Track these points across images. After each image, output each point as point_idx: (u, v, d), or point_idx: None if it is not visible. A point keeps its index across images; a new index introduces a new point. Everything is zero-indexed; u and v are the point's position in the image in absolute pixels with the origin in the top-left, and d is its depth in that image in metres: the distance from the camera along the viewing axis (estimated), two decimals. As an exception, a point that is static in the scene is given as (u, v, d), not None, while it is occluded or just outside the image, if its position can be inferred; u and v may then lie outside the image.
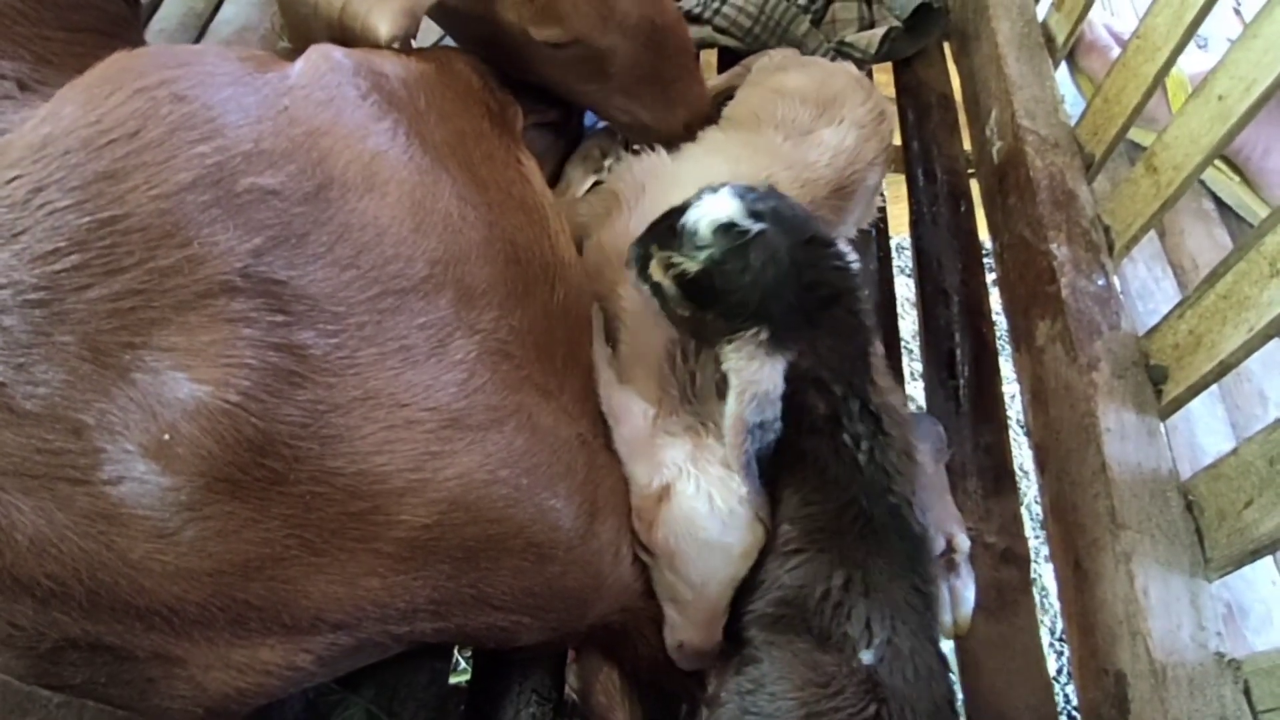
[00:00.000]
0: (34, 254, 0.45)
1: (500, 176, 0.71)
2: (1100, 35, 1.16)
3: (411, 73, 0.69)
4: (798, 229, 0.62)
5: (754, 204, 0.62)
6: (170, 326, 0.47)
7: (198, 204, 0.48)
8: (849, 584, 0.59)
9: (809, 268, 0.62)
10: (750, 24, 1.13)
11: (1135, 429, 0.78)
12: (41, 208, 0.46)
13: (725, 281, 0.60)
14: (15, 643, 0.47)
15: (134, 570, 0.47)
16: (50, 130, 0.48)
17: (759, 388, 0.60)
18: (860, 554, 0.60)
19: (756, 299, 0.60)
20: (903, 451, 0.63)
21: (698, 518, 0.62)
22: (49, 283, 0.45)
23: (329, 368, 0.50)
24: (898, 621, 0.58)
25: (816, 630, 0.59)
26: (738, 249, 0.60)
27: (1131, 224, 0.88)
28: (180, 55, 0.54)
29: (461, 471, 0.53)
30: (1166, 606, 0.68)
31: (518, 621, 0.61)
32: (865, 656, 0.57)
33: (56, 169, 0.47)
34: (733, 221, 0.60)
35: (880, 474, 0.61)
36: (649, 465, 0.66)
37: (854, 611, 0.58)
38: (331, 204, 0.53)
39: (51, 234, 0.46)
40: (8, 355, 0.45)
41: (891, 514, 0.61)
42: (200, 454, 0.46)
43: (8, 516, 0.45)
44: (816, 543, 0.62)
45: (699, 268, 0.61)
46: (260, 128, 0.52)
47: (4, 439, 0.45)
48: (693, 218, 0.62)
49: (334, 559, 0.51)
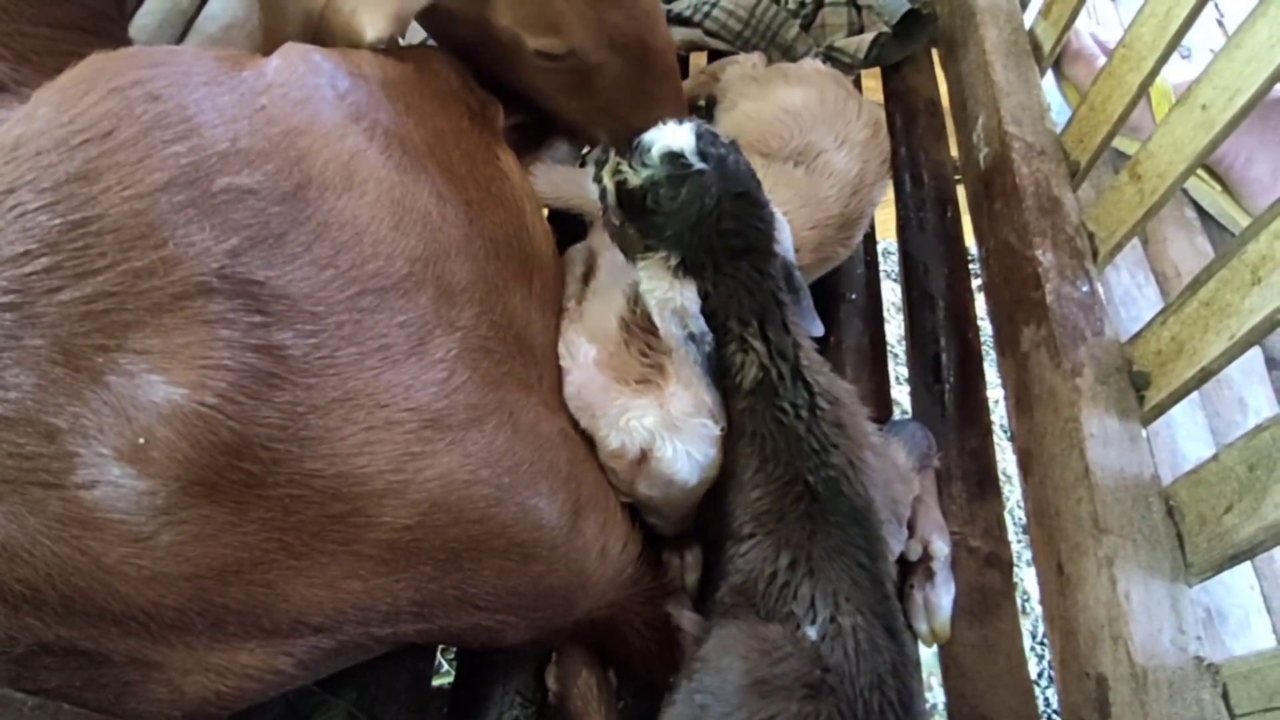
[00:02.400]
0: (4, 257, 0.45)
1: (479, 173, 0.71)
2: (1086, 44, 1.17)
3: (390, 72, 0.68)
4: (734, 181, 0.67)
5: (706, 146, 0.66)
6: (145, 329, 0.46)
7: (173, 204, 0.47)
8: (794, 565, 0.62)
9: (731, 217, 0.66)
10: (740, 27, 1.13)
11: (1118, 434, 0.78)
12: (13, 209, 0.45)
13: (654, 203, 0.66)
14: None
15: (109, 575, 0.46)
16: (23, 131, 0.47)
17: (674, 304, 0.66)
18: (803, 534, 0.62)
19: (674, 227, 0.65)
20: (834, 424, 0.65)
21: (679, 474, 0.66)
22: (19, 286, 0.45)
23: (308, 368, 0.50)
24: (840, 598, 0.60)
25: (764, 612, 0.61)
26: (674, 178, 0.65)
27: (1115, 231, 0.88)
28: (156, 55, 0.53)
29: (442, 472, 0.53)
30: (1148, 611, 0.69)
31: (503, 621, 0.61)
32: (810, 632, 0.59)
33: (28, 170, 0.46)
34: (681, 153, 0.65)
35: (817, 445, 0.64)
36: (617, 431, 0.67)
37: (799, 591, 0.60)
38: (310, 203, 0.53)
39: (22, 236, 0.45)
40: None
41: (830, 487, 0.63)
42: (176, 458, 0.46)
43: None
44: (764, 526, 0.64)
45: (638, 183, 0.66)
46: (237, 127, 0.51)
47: None
48: (650, 138, 0.67)
49: (314, 562, 0.50)
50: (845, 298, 0.99)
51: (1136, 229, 0.86)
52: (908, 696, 0.57)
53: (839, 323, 0.98)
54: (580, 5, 0.76)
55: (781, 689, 0.54)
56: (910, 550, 0.79)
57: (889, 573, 0.63)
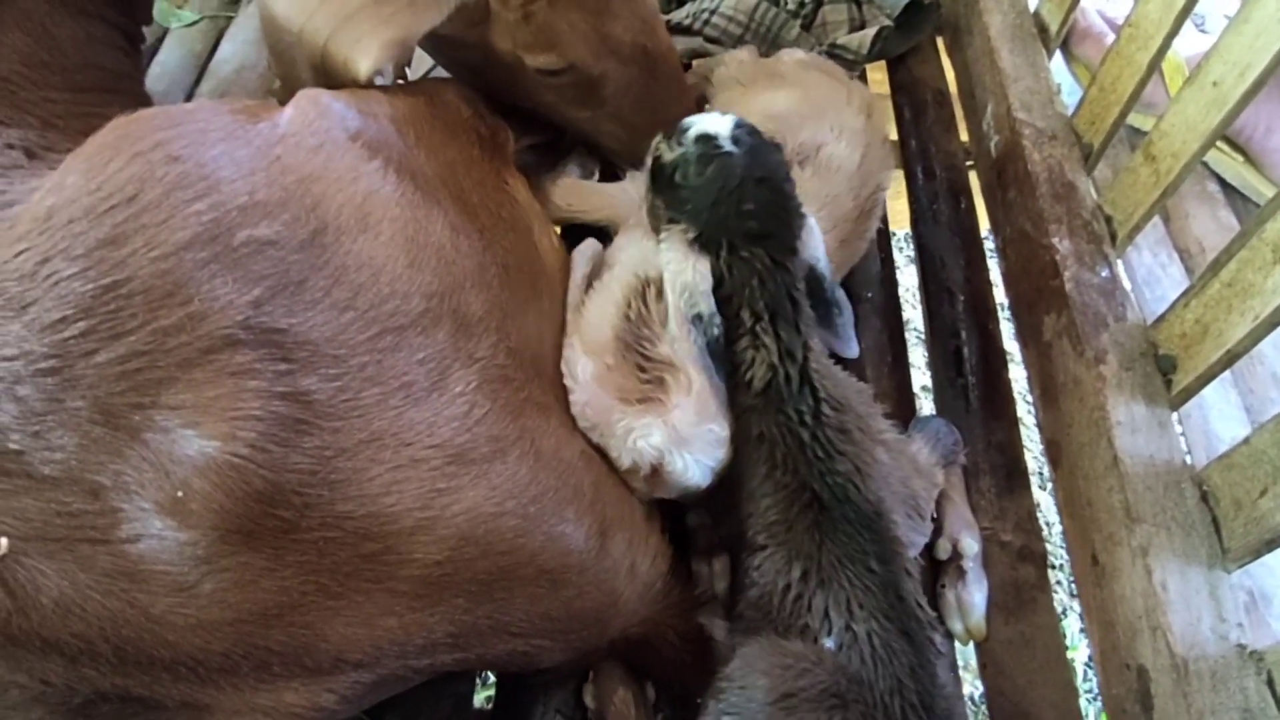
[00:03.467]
0: (43, 323, 0.47)
1: (490, 200, 0.72)
2: (1095, 22, 1.16)
3: (400, 108, 0.69)
4: (761, 167, 0.69)
5: (739, 133, 0.70)
6: (177, 384, 0.48)
7: (196, 261, 0.49)
8: (805, 576, 0.62)
9: (751, 201, 0.68)
10: (741, 32, 1.13)
11: (1146, 421, 0.77)
12: (49, 278, 0.47)
13: (681, 178, 0.70)
14: (48, 699, 0.49)
15: (157, 625, 0.48)
16: (54, 201, 0.49)
17: (685, 278, 0.68)
18: (812, 544, 0.63)
19: (695, 202, 0.69)
20: (839, 429, 0.66)
21: (692, 481, 0.68)
22: (58, 350, 0.47)
23: (334, 412, 0.51)
24: (854, 605, 0.60)
25: (780, 626, 0.62)
26: (704, 157, 0.69)
27: (1133, 213, 0.87)
28: (174, 116, 0.55)
29: (469, 506, 0.54)
30: (1185, 599, 0.68)
31: (538, 645, 0.62)
32: (827, 643, 0.59)
33: (61, 239, 0.48)
34: (714, 136, 0.70)
35: (821, 452, 0.65)
36: (626, 451, 0.68)
37: (813, 603, 0.61)
38: (327, 248, 0.54)
39: (59, 303, 0.47)
40: (24, 423, 0.46)
41: (836, 494, 0.63)
42: (213, 508, 0.47)
43: (32, 581, 0.46)
44: (775, 537, 0.65)
45: (670, 158, 0.71)
46: (254, 180, 0.53)
47: (24, 505, 0.46)
48: (690, 121, 0.72)
49: (350, 601, 0.52)
50: (862, 298, 0.99)
51: (1154, 210, 0.85)
52: (928, 698, 0.57)
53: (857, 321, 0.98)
54: (577, 21, 0.76)
55: (807, 701, 0.55)
56: (940, 549, 0.78)
57: (904, 574, 0.63)
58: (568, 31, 0.76)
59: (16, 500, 0.46)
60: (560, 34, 0.76)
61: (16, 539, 0.46)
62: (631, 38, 0.80)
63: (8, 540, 0.45)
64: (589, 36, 0.77)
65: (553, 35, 0.76)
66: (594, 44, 0.78)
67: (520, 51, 0.77)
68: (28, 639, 0.47)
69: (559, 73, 0.79)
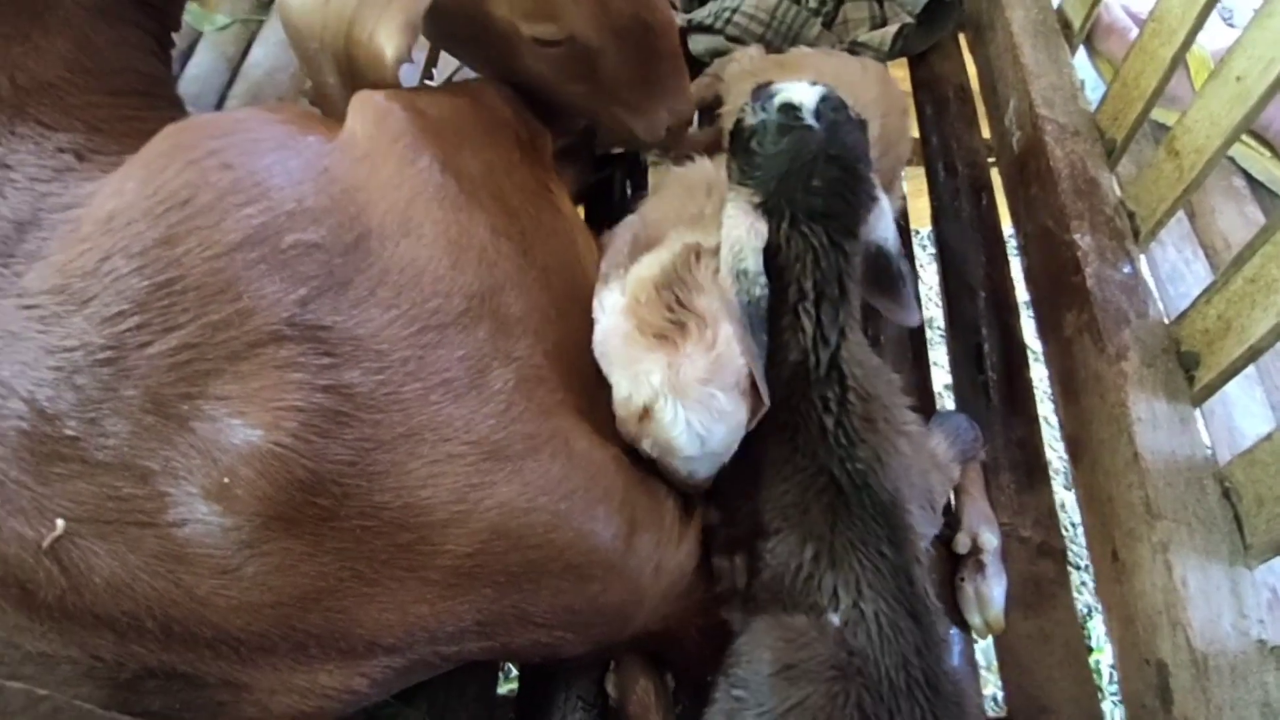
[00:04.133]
0: (102, 317, 0.50)
1: (531, 205, 0.73)
2: (1119, 17, 1.15)
3: (445, 109, 0.71)
4: (837, 145, 0.69)
5: (823, 107, 0.70)
6: (225, 376, 0.50)
7: (246, 261, 0.52)
8: (817, 557, 0.63)
9: (820, 178, 0.68)
10: (762, 30, 1.14)
11: (1167, 417, 0.77)
12: (108, 274, 0.50)
13: (758, 144, 0.69)
14: (98, 674, 0.51)
15: (201, 605, 0.50)
16: (115, 204, 0.52)
17: (738, 232, 0.68)
18: (825, 526, 0.63)
19: (766, 170, 0.69)
20: (864, 418, 0.66)
21: (677, 443, 0.65)
22: (115, 342, 0.49)
23: (374, 404, 0.53)
24: (864, 587, 0.61)
25: (789, 604, 0.62)
26: (781, 126, 0.69)
27: (1156, 209, 0.87)
28: (224, 125, 0.57)
29: (502, 501, 0.56)
30: (1206, 595, 0.68)
31: (561, 637, 0.63)
32: (833, 619, 0.60)
33: (121, 239, 0.51)
34: (797, 106, 0.69)
35: (844, 440, 0.65)
36: (629, 376, 0.67)
37: (822, 582, 0.62)
38: (371, 252, 0.56)
39: (117, 298, 0.50)
40: (80, 411, 0.49)
41: (855, 481, 0.64)
42: (257, 495, 0.49)
43: (85, 560, 0.48)
44: (790, 519, 0.65)
45: (753, 122, 0.71)
46: (303, 188, 0.55)
47: (79, 488, 0.48)
48: (778, 87, 0.71)
49: (385, 588, 0.54)
50: (883, 294, 0.99)
51: (1177, 206, 0.85)
52: (934, 677, 0.58)
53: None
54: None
55: (809, 673, 0.56)
56: (959, 544, 0.79)
57: (915, 561, 0.63)
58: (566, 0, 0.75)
59: (72, 484, 0.48)
60: (558, 3, 0.75)
61: (71, 520, 0.48)
62: (631, 10, 0.78)
63: (63, 521, 0.48)
64: (587, 5, 0.76)
65: (551, 3, 0.74)
66: (592, 14, 0.76)
67: (518, 20, 0.75)
68: (80, 615, 0.49)
69: (557, 44, 0.77)
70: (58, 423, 0.48)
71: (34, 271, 0.52)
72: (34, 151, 0.61)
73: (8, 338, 0.50)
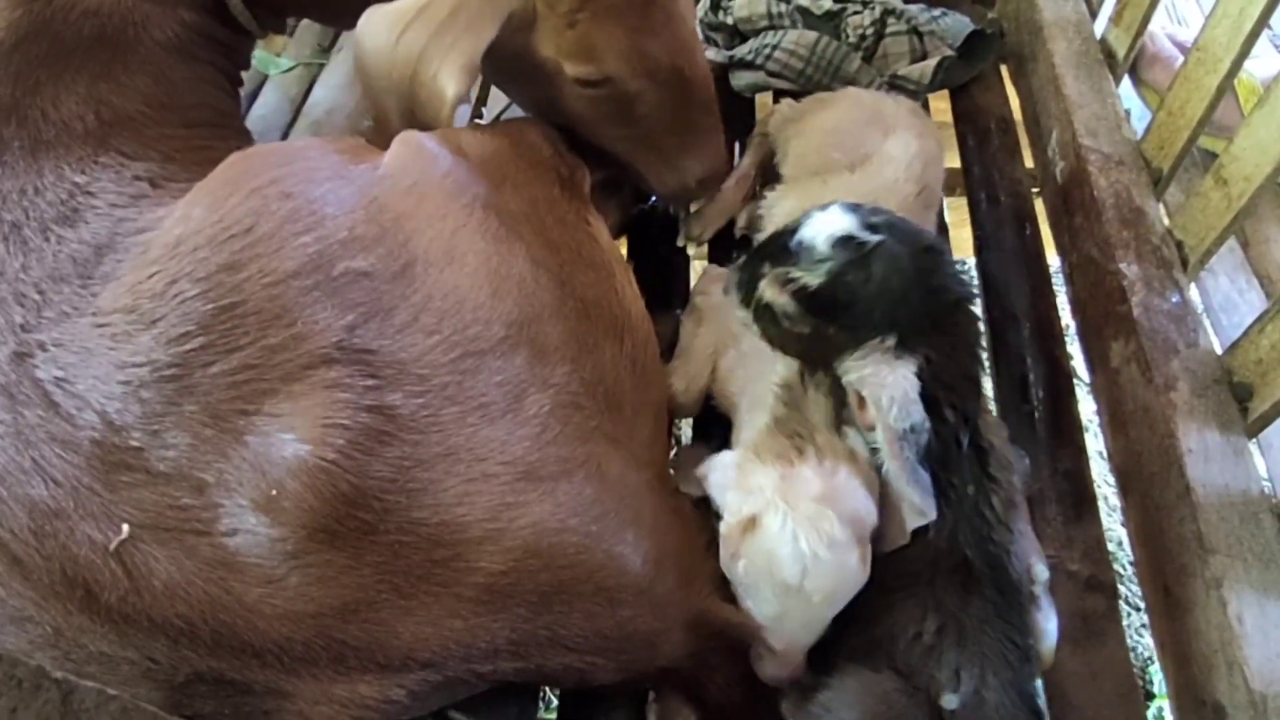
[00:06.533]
0: (169, 337, 0.54)
1: (570, 238, 0.76)
2: (1164, 46, 1.14)
3: (488, 148, 0.75)
4: (915, 238, 0.64)
5: (867, 217, 0.64)
6: (278, 395, 0.53)
7: (301, 288, 0.55)
8: (942, 630, 0.60)
9: (932, 273, 0.63)
10: (802, 65, 1.16)
11: (1220, 449, 0.75)
12: (175, 297, 0.54)
13: (848, 293, 0.61)
14: (155, 675, 0.54)
15: (249, 612, 0.53)
16: (182, 230, 0.57)
17: (896, 391, 0.61)
18: (956, 601, 0.60)
19: (882, 308, 0.61)
20: (1008, 499, 0.63)
21: (778, 559, 0.60)
22: (180, 361, 0.53)
23: (415, 425, 0.56)
24: (988, 673, 0.58)
25: (903, 668, 0.59)
26: (859, 260, 0.61)
27: (1204, 238, 0.86)
28: (285, 154, 0.61)
29: (535, 520, 0.57)
30: (1264, 633, 0.66)
31: (592, 662, 0.64)
32: (949, 701, 0.57)
33: (187, 263, 0.55)
34: (851, 234, 0.62)
35: (982, 521, 0.62)
36: (740, 492, 0.65)
37: (944, 658, 0.59)
38: (416, 279, 0.59)
39: (183, 319, 0.54)
40: (145, 423, 0.52)
41: (991, 563, 0.61)
42: (303, 507, 0.52)
43: (146, 564, 0.52)
44: (907, 585, 0.62)
45: (821, 280, 0.62)
46: (354, 216, 0.59)
47: (142, 496, 0.52)
48: (808, 234, 0.63)
49: (420, 602, 0.56)
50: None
51: (1225, 235, 0.83)
52: None
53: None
54: (617, 34, 0.79)
55: None
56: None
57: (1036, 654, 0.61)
58: (607, 44, 0.79)
59: (135, 492, 0.52)
60: (600, 45, 0.79)
61: (135, 526, 0.51)
62: (669, 60, 0.82)
63: (128, 526, 0.51)
64: (627, 51, 0.80)
65: (593, 46, 0.79)
66: (632, 59, 0.80)
67: (561, 59, 0.80)
68: (139, 617, 0.52)
69: (596, 84, 0.81)
70: (124, 434, 0.52)
71: (108, 291, 0.56)
72: (114, 180, 0.66)
73: (84, 354, 0.54)
